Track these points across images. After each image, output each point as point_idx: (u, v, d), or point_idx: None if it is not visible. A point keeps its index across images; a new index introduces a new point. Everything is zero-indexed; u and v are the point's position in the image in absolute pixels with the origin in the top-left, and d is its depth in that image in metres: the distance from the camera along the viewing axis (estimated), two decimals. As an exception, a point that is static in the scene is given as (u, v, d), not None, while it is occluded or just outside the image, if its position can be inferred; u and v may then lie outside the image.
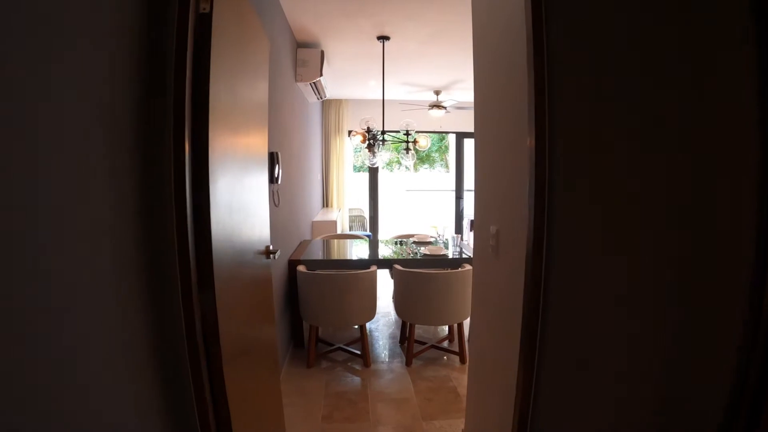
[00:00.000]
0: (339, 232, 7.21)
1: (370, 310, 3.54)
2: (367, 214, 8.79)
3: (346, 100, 8.04)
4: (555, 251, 1.39)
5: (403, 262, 3.85)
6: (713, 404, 1.47)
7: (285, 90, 3.90)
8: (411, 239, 4.84)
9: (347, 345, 3.88)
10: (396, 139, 4.43)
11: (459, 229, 8.93)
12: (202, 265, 1.38)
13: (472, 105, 2.16)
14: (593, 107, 1.34)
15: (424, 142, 4.31)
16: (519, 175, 1.55)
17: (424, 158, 29.92)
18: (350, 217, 8.86)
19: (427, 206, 13.47)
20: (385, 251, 4.40)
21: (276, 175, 3.07)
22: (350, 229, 8.62)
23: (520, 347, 1.48)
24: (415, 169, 31.71)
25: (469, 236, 8.19)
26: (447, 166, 29.37)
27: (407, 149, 4.40)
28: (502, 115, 1.75)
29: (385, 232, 10.23)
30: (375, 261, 3.88)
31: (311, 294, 3.42)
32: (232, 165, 1.67)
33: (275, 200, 3.13)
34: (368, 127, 4.23)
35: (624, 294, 1.42)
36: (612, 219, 1.38)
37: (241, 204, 1.80)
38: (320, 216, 6.87)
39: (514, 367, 1.55)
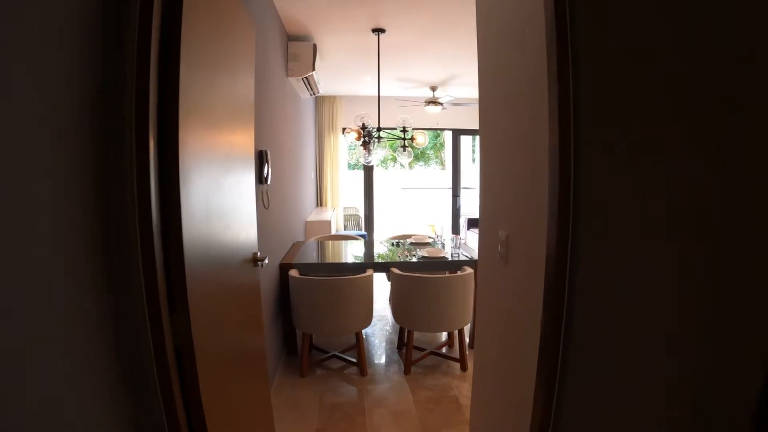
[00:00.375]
0: (333, 232, 7.03)
1: (367, 317, 3.36)
2: (362, 213, 8.61)
3: (340, 96, 7.84)
4: (580, 254, 1.22)
5: (401, 265, 3.67)
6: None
7: (275, 85, 3.71)
8: (408, 240, 4.67)
9: (343, 352, 3.70)
10: (392, 137, 4.25)
11: (456, 228, 8.77)
12: (173, 281, 1.20)
13: (469, 101, 2.00)
14: (626, 91, 1.17)
15: (421, 139, 4.14)
16: (532, 175, 1.38)
17: (419, 155, 29.77)
18: (345, 216, 8.67)
19: (422, 204, 13.29)
20: (381, 253, 4.22)
21: (265, 175, 2.89)
22: (345, 228, 8.44)
23: (539, 359, 1.31)
24: (410, 167, 31.59)
25: (466, 235, 8.02)
26: (442, 164, 29.22)
27: (404, 147, 4.22)
28: (512, 107, 1.57)
29: (380, 232, 10.05)
30: (371, 264, 3.71)
31: (304, 300, 3.24)
32: (210, 165, 1.49)
33: (264, 202, 2.94)
34: (363, 124, 4.05)
35: (662, 294, 1.25)
36: (645, 217, 1.21)
37: (222, 209, 1.62)
38: (314, 216, 6.68)
39: (527, 379, 1.39)
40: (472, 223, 8.03)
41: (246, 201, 1.99)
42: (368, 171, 8.36)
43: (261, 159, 2.84)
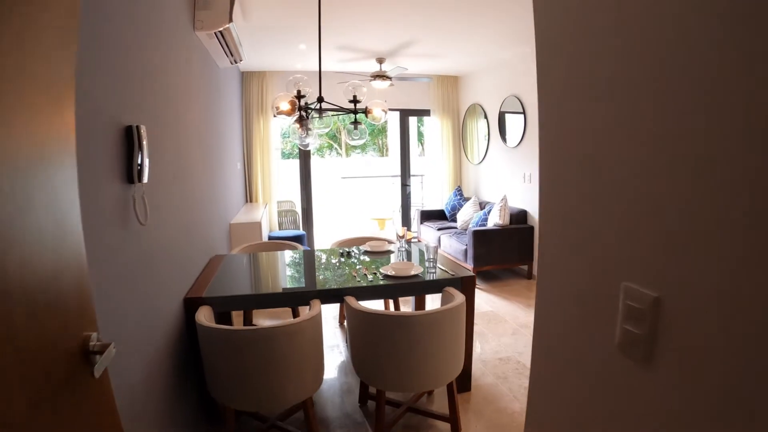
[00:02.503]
0: (266, 234, 5.81)
1: (315, 379, 2.29)
2: (299, 209, 7.44)
3: (271, 72, 6.62)
4: None
5: (359, 291, 2.62)
6: None
7: (171, 37, 2.51)
8: (362, 248, 3.61)
9: (284, 420, 2.61)
10: (337, 109, 3.16)
11: (407, 221, 7.81)
12: None
13: (420, 76, 1.00)
14: None
15: (379, 112, 3.08)
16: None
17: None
18: (279, 212, 7.48)
19: (365, 195, 12.23)
20: (329, 269, 3.15)
21: (138, 169, 1.72)
22: (280, 227, 7.26)
23: None
24: (347, 154, 30.20)
25: (419, 229, 7.07)
26: (381, 151, 28.22)
27: (355, 123, 3.15)
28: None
29: (322, 231, 8.91)
30: (316, 292, 2.62)
31: (220, 360, 2.12)
32: None
33: (138, 214, 1.78)
34: (299, 92, 2.94)
35: None
36: None
37: None
38: (242, 215, 5.47)
39: None
40: (425, 217, 7.08)
41: (61, 235, 0.87)
42: (305, 159, 7.19)
43: (129, 141, 1.68)
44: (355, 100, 3.10)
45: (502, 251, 5.35)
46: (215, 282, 2.76)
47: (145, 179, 1.78)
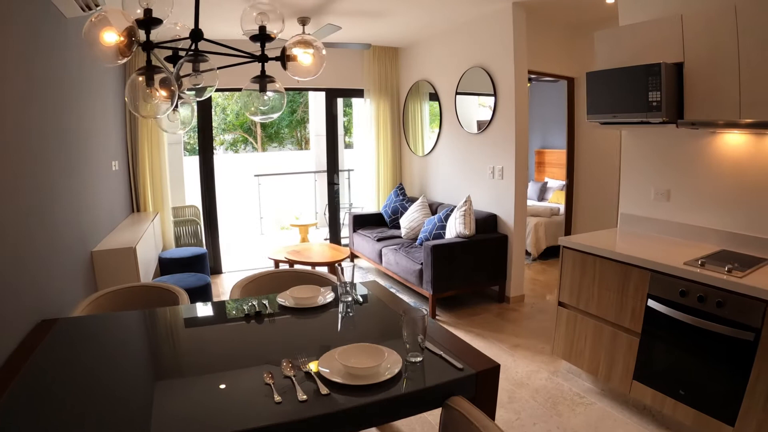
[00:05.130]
0: (154, 254, 4.12)
1: None
2: (202, 217, 5.76)
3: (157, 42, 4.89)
4: None
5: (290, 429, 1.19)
6: None
7: None
8: (281, 301, 2.14)
9: None
10: (232, 54, 1.66)
11: (335, 229, 6.36)
12: None
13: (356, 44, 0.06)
14: None
15: (307, 58, 1.65)
16: None
17: (272, 136, 26.21)
18: (176, 222, 5.76)
19: (282, 194, 10.57)
20: (214, 381, 1.67)
21: None
22: (177, 242, 5.55)
23: None
24: (263, 149, 27.69)
25: (352, 238, 5.67)
26: (299, 144, 26.19)
27: (264, 79, 1.70)
28: None
29: (232, 244, 7.14)
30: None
31: None
32: None
33: None
34: (146, 11, 1.43)
35: None
36: None
37: None
38: (115, 236, 3.79)
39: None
40: (359, 223, 5.69)
41: None
42: (204, 152, 5.51)
43: None
44: (263, 36, 1.64)
45: (467, 270, 4.09)
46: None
47: None
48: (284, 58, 1.67)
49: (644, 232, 2.94)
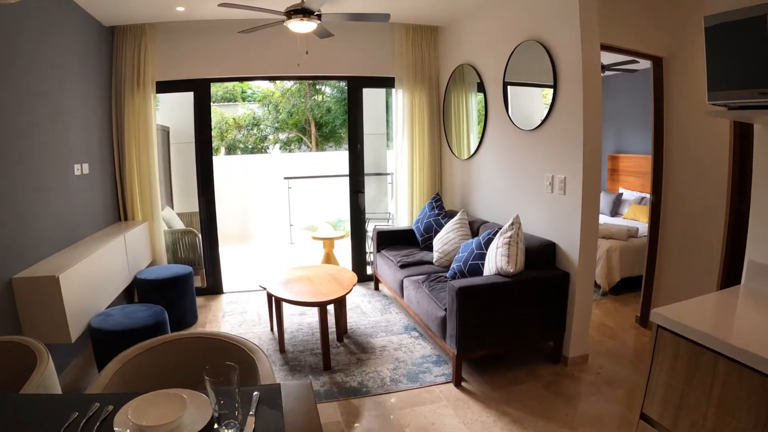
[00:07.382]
0: (121, 275, 3.18)
1: None
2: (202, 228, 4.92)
3: (152, 25, 4.16)
4: None
5: None
6: None
7: None
8: (128, 424, 1.13)
9: None
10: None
11: (360, 246, 5.27)
12: None
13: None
14: None
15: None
16: None
17: (327, 135, 25.41)
18: (171, 232, 4.97)
19: (317, 199, 9.43)
20: None
21: None
22: (170, 257, 4.74)
23: None
24: (321, 148, 26.98)
25: (375, 260, 4.60)
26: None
27: None
28: None
29: (232, 267, 5.71)
30: None
31: None
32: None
33: None
34: None
35: None
36: None
37: None
38: (60, 257, 2.99)
39: None
40: (384, 240, 4.63)
41: None
42: (203, 156, 4.65)
43: None
44: None
45: (509, 322, 2.93)
46: None
47: None
48: None
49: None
